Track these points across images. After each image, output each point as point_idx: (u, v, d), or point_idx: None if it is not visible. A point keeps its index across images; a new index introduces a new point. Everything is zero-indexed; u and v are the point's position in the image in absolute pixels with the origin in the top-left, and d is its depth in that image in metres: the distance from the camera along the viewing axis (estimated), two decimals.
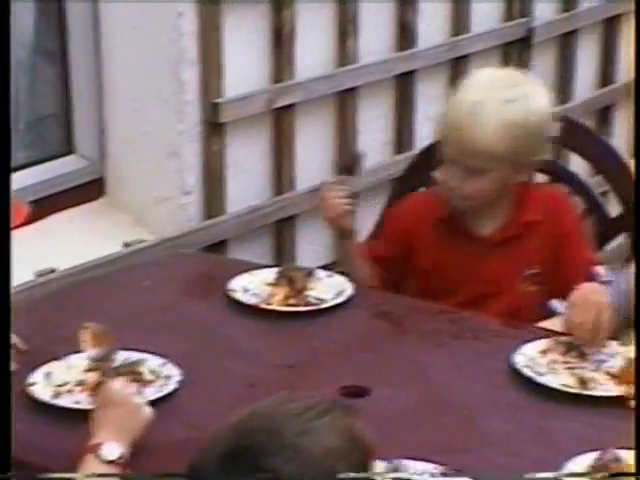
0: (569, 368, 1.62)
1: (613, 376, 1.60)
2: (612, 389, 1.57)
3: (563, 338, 1.69)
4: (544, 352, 1.66)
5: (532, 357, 1.63)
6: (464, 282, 1.93)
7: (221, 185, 2.31)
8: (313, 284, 1.90)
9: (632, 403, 1.51)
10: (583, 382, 1.59)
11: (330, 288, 1.90)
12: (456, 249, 1.95)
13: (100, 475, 1.19)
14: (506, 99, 1.85)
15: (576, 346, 1.67)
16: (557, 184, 2.24)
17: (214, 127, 2.26)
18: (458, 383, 1.63)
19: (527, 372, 1.60)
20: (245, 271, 1.96)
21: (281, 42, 2.33)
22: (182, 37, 2.17)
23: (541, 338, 1.70)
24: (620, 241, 2.29)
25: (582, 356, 1.65)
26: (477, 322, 1.87)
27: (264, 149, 2.40)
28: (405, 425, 1.49)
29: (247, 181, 2.35)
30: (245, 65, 2.31)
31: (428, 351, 1.73)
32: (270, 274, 1.95)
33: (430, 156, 2.08)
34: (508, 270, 1.93)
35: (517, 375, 1.60)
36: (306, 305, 1.85)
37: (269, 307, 1.85)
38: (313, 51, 2.40)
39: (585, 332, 1.65)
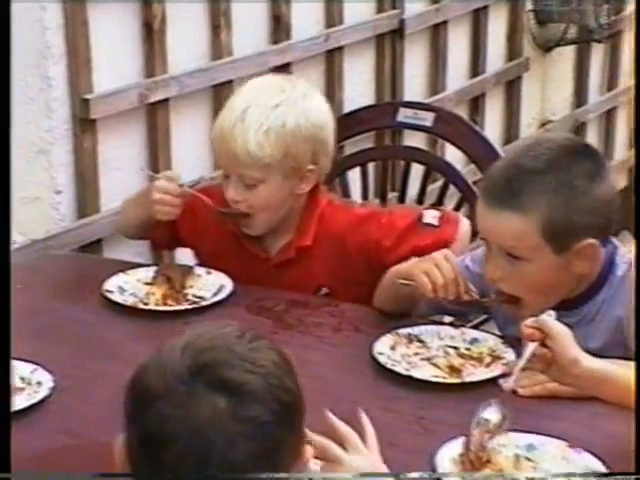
0: (425, 359, 1.65)
1: (472, 357, 1.64)
2: (481, 374, 1.60)
3: (401, 330, 1.71)
4: (393, 348, 1.67)
5: (388, 355, 1.65)
6: None
7: (94, 183, 2.25)
8: (192, 282, 1.87)
9: (506, 385, 1.55)
10: (455, 370, 1.62)
11: (209, 285, 1.87)
12: (240, 263, 1.89)
13: (103, 475, 1.16)
14: (272, 104, 1.78)
15: (416, 335, 1.70)
16: (339, 174, 2.28)
17: (85, 123, 2.20)
18: (338, 376, 1.63)
19: (399, 370, 1.61)
20: (121, 271, 1.92)
21: (152, 36, 2.29)
22: (46, 32, 2.10)
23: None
24: None
25: (423, 343, 1.68)
26: (358, 314, 1.88)
27: (138, 145, 2.35)
28: None
29: (121, 178, 2.30)
30: (116, 59, 2.25)
31: (308, 345, 1.73)
32: (147, 273, 1.91)
33: None
34: (297, 291, 1.87)
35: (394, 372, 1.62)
36: (185, 303, 1.82)
37: (146, 307, 1.81)
38: (186, 45, 2.37)
39: (439, 287, 1.63)
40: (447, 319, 1.87)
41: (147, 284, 1.89)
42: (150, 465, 1.00)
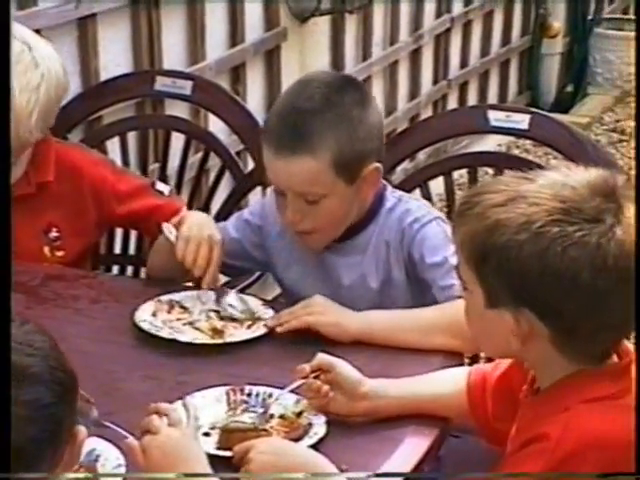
0: (188, 324, 1.66)
1: (233, 320, 1.67)
2: (242, 334, 1.63)
3: (163, 297, 1.72)
4: (154, 314, 1.67)
5: (150, 321, 1.65)
6: None
7: None
8: None
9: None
10: (218, 332, 1.64)
11: None
12: None
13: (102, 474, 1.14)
14: None
15: (177, 301, 1.71)
16: (74, 142, 2.22)
17: None
18: (98, 348, 1.60)
19: (163, 334, 1.61)
20: None
21: None
22: None
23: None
24: (255, 196, 2.38)
25: (185, 309, 1.70)
26: (117, 284, 1.86)
27: None
28: None
29: None
30: None
31: (66, 318, 1.69)
32: None
33: None
34: (25, 230, 1.86)
35: (157, 337, 1.61)
36: None
37: None
38: None
39: (199, 270, 1.69)
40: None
41: None
42: None
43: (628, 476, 1.14)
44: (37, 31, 2.42)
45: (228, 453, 1.30)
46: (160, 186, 1.96)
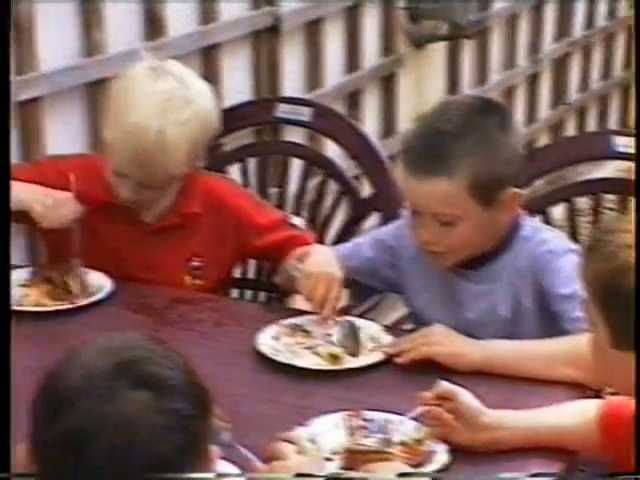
0: (307, 348, 1.68)
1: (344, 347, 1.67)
2: (361, 360, 1.63)
3: (284, 321, 1.74)
4: (276, 338, 1.70)
5: (271, 345, 1.67)
6: (129, 267, 1.92)
7: None
8: (72, 281, 1.85)
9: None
10: (335, 358, 1.65)
11: (89, 284, 1.85)
12: (115, 232, 1.93)
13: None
14: None
15: (299, 325, 1.73)
16: (222, 174, 2.27)
17: None
18: (221, 371, 1.63)
19: (281, 359, 1.63)
20: None
21: (20, 34, 2.23)
22: None
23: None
24: (372, 221, 2.39)
25: (307, 333, 1.71)
26: (240, 309, 1.89)
27: (11, 145, 2.29)
28: None
29: None
30: None
31: (190, 340, 1.72)
32: (21, 274, 1.87)
33: None
34: (169, 259, 1.93)
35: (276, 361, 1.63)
36: (65, 303, 1.80)
37: (22, 309, 1.77)
38: (56, 42, 2.32)
39: (316, 305, 1.72)
40: None
41: (22, 286, 1.85)
42: (71, 464, 0.99)
43: (628, 476, 1.13)
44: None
45: (352, 474, 1.31)
46: (294, 220, 2.00)
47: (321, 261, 1.75)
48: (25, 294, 1.81)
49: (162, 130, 1.79)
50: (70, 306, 1.79)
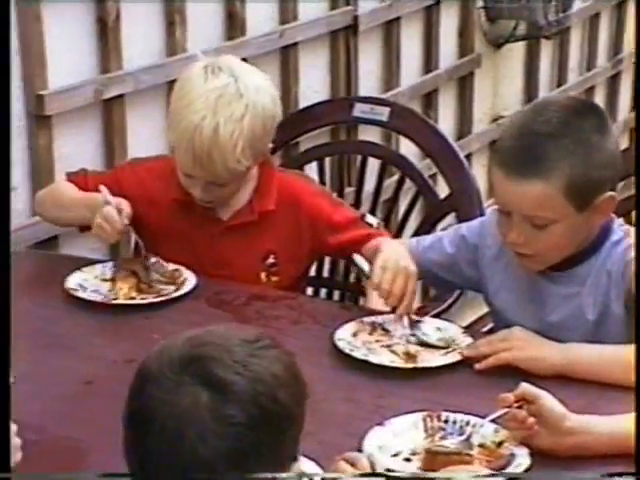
0: (385, 346, 1.67)
1: (430, 346, 1.67)
2: (435, 360, 1.63)
3: (365, 319, 1.74)
4: (355, 335, 1.70)
5: (349, 341, 1.67)
6: (204, 264, 1.92)
7: (50, 180, 2.24)
8: (156, 274, 1.87)
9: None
10: (411, 356, 1.64)
11: (172, 277, 1.88)
12: (191, 230, 1.93)
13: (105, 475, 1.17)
14: None
15: (380, 324, 1.73)
16: (291, 167, 2.26)
17: (40, 120, 2.19)
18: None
19: (357, 355, 1.63)
20: (80, 267, 1.91)
21: (106, 32, 2.28)
22: None
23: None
24: (449, 221, 2.38)
25: (387, 332, 1.71)
26: (317, 307, 1.90)
27: (94, 142, 2.34)
28: None
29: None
30: (70, 55, 2.24)
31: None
32: (103, 269, 1.91)
33: None
34: (244, 256, 1.93)
35: (352, 357, 1.64)
36: (150, 297, 1.83)
37: (108, 302, 1.81)
38: (140, 41, 2.36)
39: (394, 299, 1.70)
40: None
41: (105, 280, 1.89)
42: (133, 443, 1.04)
43: (628, 476, 1.11)
44: (244, 59, 2.54)
45: (432, 475, 1.31)
46: (370, 219, 1.98)
47: (395, 255, 1.74)
48: (114, 288, 1.84)
49: (216, 128, 1.78)
50: (156, 300, 1.82)
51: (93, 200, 1.91)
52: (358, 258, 1.79)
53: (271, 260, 1.96)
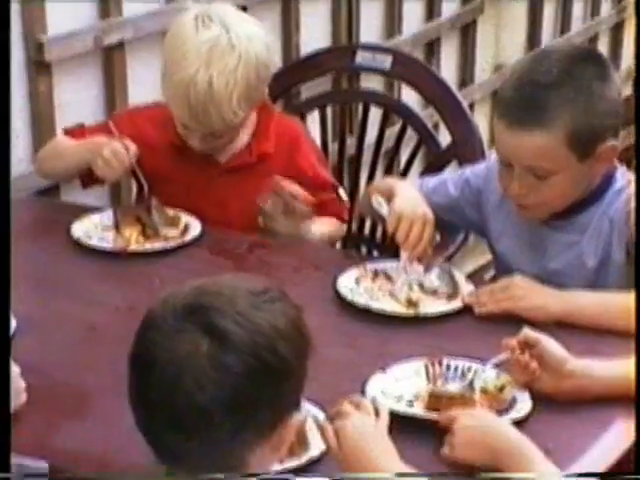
0: (387, 293, 1.68)
1: (434, 292, 1.67)
2: (437, 306, 1.63)
3: (368, 265, 1.74)
4: (357, 281, 1.70)
5: (351, 288, 1.67)
6: (200, 205, 1.91)
7: (50, 127, 2.23)
8: (158, 219, 1.87)
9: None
10: (413, 303, 1.64)
11: (177, 222, 1.89)
12: (187, 172, 1.93)
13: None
14: None
15: (382, 270, 1.73)
16: (293, 115, 2.25)
17: (40, 66, 2.17)
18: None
19: (360, 301, 1.64)
20: (82, 214, 1.92)
21: None
22: None
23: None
24: (451, 169, 2.37)
25: (389, 278, 1.71)
26: (320, 254, 1.90)
27: (95, 88, 2.32)
28: None
29: (78, 122, 2.27)
30: (70, 1, 2.21)
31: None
32: (101, 218, 1.92)
33: None
34: (241, 198, 1.93)
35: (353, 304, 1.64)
36: (156, 244, 1.83)
37: (121, 250, 1.82)
38: None
39: (409, 245, 1.70)
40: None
41: (106, 228, 1.88)
42: (136, 386, 1.05)
43: (628, 476, 1.11)
44: (243, 8, 2.50)
45: (435, 415, 1.32)
46: (341, 192, 2.02)
47: (411, 202, 1.74)
48: (128, 234, 1.84)
49: (210, 81, 1.77)
50: (162, 247, 1.82)
51: (95, 143, 1.91)
52: (377, 200, 1.78)
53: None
